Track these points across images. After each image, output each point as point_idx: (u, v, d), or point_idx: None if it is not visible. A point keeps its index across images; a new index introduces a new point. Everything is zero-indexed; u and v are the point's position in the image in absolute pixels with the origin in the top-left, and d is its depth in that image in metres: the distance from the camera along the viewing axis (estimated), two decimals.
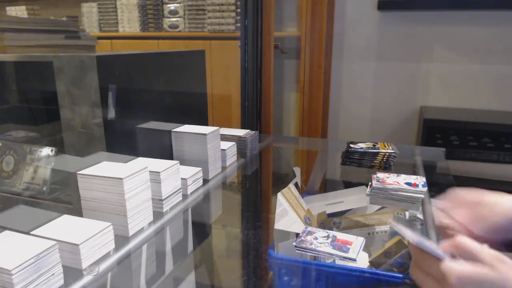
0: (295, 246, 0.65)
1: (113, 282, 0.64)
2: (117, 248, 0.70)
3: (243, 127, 1.55)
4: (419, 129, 1.90)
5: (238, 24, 2.37)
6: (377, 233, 0.80)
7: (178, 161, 0.87)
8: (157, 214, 0.82)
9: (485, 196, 0.60)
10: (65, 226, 0.66)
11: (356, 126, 2.16)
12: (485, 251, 0.45)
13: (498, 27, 1.82)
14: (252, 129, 1.29)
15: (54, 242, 0.57)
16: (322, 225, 0.83)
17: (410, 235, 0.49)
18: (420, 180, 0.80)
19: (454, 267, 0.44)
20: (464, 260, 0.46)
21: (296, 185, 0.83)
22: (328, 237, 0.66)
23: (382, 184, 0.77)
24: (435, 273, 0.46)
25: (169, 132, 1.05)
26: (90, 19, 2.81)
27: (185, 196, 0.92)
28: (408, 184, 0.77)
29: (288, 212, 0.74)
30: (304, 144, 1.69)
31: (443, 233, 0.61)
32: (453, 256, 0.47)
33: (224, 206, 1.01)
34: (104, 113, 0.83)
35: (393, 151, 1.12)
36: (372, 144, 1.18)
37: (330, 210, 0.89)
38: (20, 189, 0.93)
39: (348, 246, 0.64)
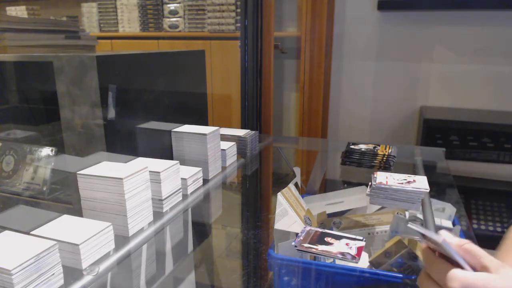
0: (295, 247, 0.65)
1: (113, 282, 0.64)
2: (117, 248, 0.69)
3: (243, 127, 1.55)
4: (419, 129, 1.90)
5: (238, 24, 2.37)
6: (377, 233, 0.80)
7: (178, 161, 0.87)
8: (157, 214, 0.82)
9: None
10: (65, 226, 0.66)
11: (356, 126, 2.16)
12: (490, 257, 0.45)
13: (498, 27, 1.82)
14: (252, 129, 1.29)
15: (54, 242, 0.57)
16: (322, 225, 0.83)
17: (437, 237, 0.47)
18: (420, 180, 0.80)
19: (459, 272, 0.44)
20: (471, 263, 0.46)
21: (296, 185, 0.82)
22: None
23: (382, 184, 0.77)
24: (441, 280, 0.46)
25: (169, 132, 1.05)
26: (90, 19, 2.81)
27: (185, 196, 0.92)
28: (408, 183, 0.77)
29: (288, 212, 0.74)
30: (304, 144, 1.69)
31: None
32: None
33: (224, 206, 1.01)
34: (104, 113, 0.83)
35: (393, 154, 1.12)
36: (373, 146, 1.18)
37: (330, 210, 0.89)
38: (20, 189, 0.93)
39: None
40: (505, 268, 0.44)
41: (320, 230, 0.69)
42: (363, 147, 1.17)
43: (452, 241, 0.48)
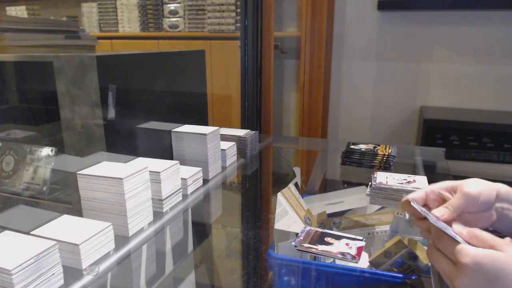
0: (295, 247, 0.64)
1: (113, 282, 0.64)
2: (117, 248, 0.69)
3: (243, 127, 1.55)
4: (419, 129, 1.90)
5: (238, 24, 2.37)
6: (377, 233, 0.80)
7: (178, 161, 0.87)
8: (157, 214, 0.82)
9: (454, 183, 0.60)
10: (65, 226, 0.66)
11: (356, 126, 2.16)
12: (498, 238, 0.47)
13: (498, 27, 1.82)
14: (252, 129, 1.29)
15: (54, 242, 0.57)
16: (322, 225, 0.83)
17: (432, 217, 0.51)
18: (420, 179, 0.79)
19: (469, 248, 0.46)
20: (480, 246, 0.48)
21: (296, 185, 0.82)
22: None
23: (382, 184, 0.77)
24: (450, 254, 0.48)
25: (169, 132, 1.05)
26: (90, 19, 2.81)
27: (185, 196, 0.92)
28: (408, 183, 0.77)
29: (288, 212, 0.74)
30: (304, 144, 1.69)
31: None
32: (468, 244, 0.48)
33: (224, 206, 1.01)
34: (104, 113, 0.83)
35: (393, 154, 1.12)
36: (373, 146, 1.18)
37: (330, 210, 0.89)
38: (20, 189, 0.93)
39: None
40: (511, 246, 0.46)
41: (320, 230, 0.69)
42: (363, 147, 1.17)
43: (461, 230, 0.50)
